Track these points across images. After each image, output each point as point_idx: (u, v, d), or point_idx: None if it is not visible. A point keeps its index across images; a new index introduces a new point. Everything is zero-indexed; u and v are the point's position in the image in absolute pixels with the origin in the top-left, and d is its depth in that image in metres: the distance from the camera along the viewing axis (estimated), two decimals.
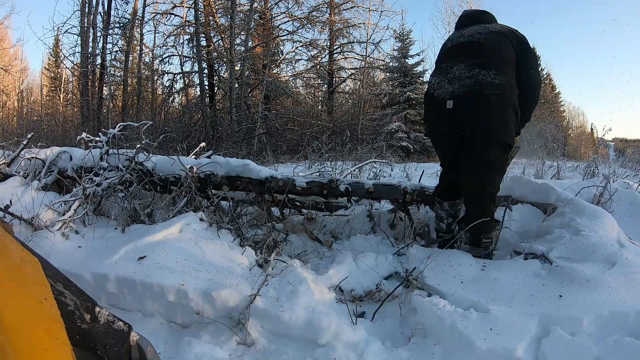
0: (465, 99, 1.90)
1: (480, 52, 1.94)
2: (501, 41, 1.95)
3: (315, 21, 13.77)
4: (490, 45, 1.94)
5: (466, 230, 1.96)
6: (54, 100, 19.25)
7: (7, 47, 18.22)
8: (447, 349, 1.36)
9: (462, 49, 2.02)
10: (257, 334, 1.48)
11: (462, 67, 1.95)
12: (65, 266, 1.64)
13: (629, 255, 1.71)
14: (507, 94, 1.89)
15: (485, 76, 1.87)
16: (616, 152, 15.55)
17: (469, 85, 1.89)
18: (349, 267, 1.94)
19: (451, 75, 1.97)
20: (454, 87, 1.94)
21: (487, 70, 1.88)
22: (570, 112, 26.11)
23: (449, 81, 1.97)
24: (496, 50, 1.93)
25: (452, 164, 2.13)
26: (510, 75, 1.92)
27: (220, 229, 2.12)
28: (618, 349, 1.24)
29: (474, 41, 1.98)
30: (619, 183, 2.95)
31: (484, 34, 1.99)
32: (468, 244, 2.00)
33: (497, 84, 1.86)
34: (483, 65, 1.90)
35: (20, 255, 0.64)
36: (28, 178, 2.77)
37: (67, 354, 0.53)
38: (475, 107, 1.88)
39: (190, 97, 14.00)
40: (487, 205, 1.97)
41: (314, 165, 6.25)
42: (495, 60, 1.91)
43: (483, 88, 1.86)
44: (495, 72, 1.88)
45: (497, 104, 1.87)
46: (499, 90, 1.86)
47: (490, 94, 1.86)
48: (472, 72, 1.91)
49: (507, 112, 1.91)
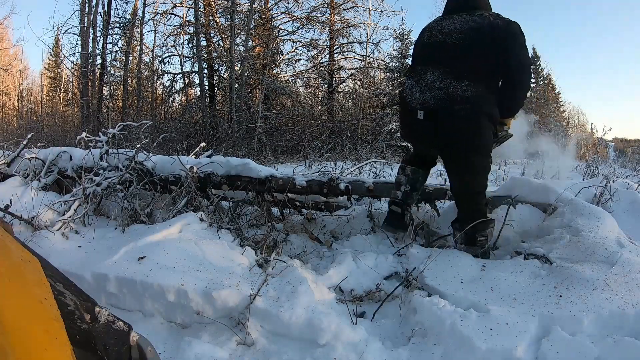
0: (435, 112, 1.87)
1: (452, 58, 1.89)
2: (479, 41, 1.86)
3: (315, 21, 13.75)
4: (463, 49, 1.87)
5: (459, 229, 1.98)
6: (54, 100, 19.25)
7: (7, 47, 18.21)
8: (447, 349, 1.36)
9: (438, 51, 1.94)
10: (257, 334, 1.48)
11: (435, 75, 1.90)
12: (65, 266, 1.64)
13: (629, 255, 1.72)
14: (477, 106, 1.84)
15: (456, 88, 1.83)
16: (616, 152, 15.55)
17: (439, 98, 1.86)
18: (349, 267, 1.93)
19: (423, 82, 1.93)
20: (425, 97, 1.90)
21: (459, 82, 1.84)
22: (570, 112, 26.14)
23: (421, 89, 1.93)
24: (469, 55, 1.86)
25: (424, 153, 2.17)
26: (486, 81, 1.86)
27: (220, 229, 2.12)
28: (618, 348, 1.24)
29: (451, 43, 1.90)
30: (619, 183, 2.95)
31: (463, 32, 1.89)
32: (464, 244, 2.00)
33: (468, 97, 1.82)
34: (455, 75, 1.85)
35: (20, 255, 0.64)
36: (28, 178, 2.77)
37: (67, 354, 0.53)
38: (445, 122, 1.86)
39: (190, 97, 13.99)
40: (478, 204, 1.99)
41: (314, 165, 6.25)
42: (467, 67, 1.85)
43: (453, 103, 1.83)
44: (467, 83, 1.83)
45: (466, 119, 1.83)
46: (469, 104, 1.82)
47: (459, 109, 1.82)
48: (443, 83, 1.86)
49: (478, 123, 1.86)
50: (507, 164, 5.71)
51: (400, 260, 2.11)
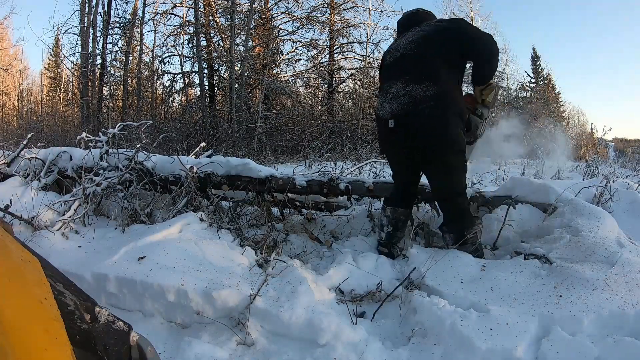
0: (402, 116, 1.96)
1: (410, 66, 1.99)
2: (430, 45, 1.96)
3: (315, 21, 13.76)
4: (418, 56, 1.97)
5: (447, 232, 2.02)
6: (54, 100, 19.25)
7: (7, 47, 18.22)
8: (447, 349, 1.36)
9: (396, 67, 2.07)
10: (257, 334, 1.48)
11: (398, 86, 2.00)
12: (65, 266, 1.64)
13: (629, 255, 1.71)
14: (442, 102, 1.90)
15: (417, 91, 1.92)
16: (616, 152, 15.56)
17: (405, 103, 1.95)
18: (349, 267, 1.93)
19: (390, 95, 2.03)
20: (393, 107, 2.00)
21: (420, 85, 1.92)
22: (570, 112, 26.11)
23: (389, 101, 2.03)
24: (424, 59, 1.96)
25: (405, 175, 2.22)
26: (445, 78, 1.93)
27: (220, 229, 2.12)
28: (618, 349, 1.24)
29: (406, 54, 2.03)
30: (619, 183, 2.95)
31: (413, 42, 2.02)
32: (455, 246, 2.00)
33: (430, 95, 1.89)
34: (415, 80, 1.94)
35: (20, 255, 0.64)
36: (28, 178, 2.77)
37: (67, 354, 0.53)
38: (412, 123, 1.94)
39: (190, 97, 13.99)
40: (459, 204, 2.02)
41: (314, 165, 6.25)
42: (425, 70, 1.94)
43: (417, 103, 1.91)
44: (427, 84, 1.91)
45: (432, 116, 1.89)
46: (432, 102, 1.89)
47: (424, 107, 1.89)
48: (406, 90, 1.96)
49: (446, 119, 1.91)
50: (507, 164, 5.71)
51: (401, 260, 2.11)
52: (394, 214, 2.21)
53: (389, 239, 2.21)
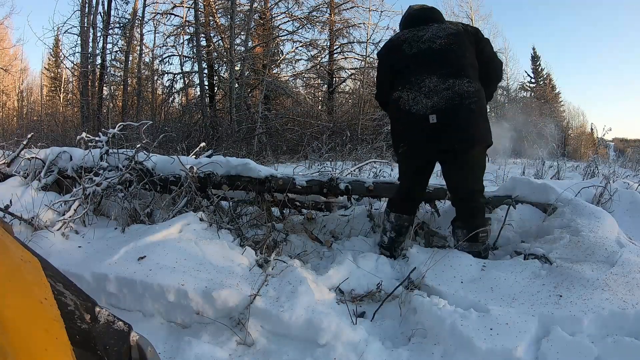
0: (447, 111, 1.91)
1: (448, 60, 1.97)
2: (461, 43, 1.99)
3: (315, 21, 13.74)
4: (454, 52, 1.97)
5: (462, 227, 1.99)
6: (54, 100, 19.25)
7: (7, 47, 18.21)
8: (447, 349, 1.36)
9: (428, 58, 2.00)
10: (257, 334, 1.48)
11: (435, 80, 1.94)
12: (65, 266, 1.64)
13: (629, 255, 1.71)
14: (482, 99, 1.98)
15: (461, 86, 1.92)
16: (616, 152, 15.56)
17: (449, 98, 1.91)
18: (349, 267, 1.93)
19: (425, 89, 1.95)
20: (433, 101, 1.92)
21: (461, 80, 1.93)
22: (570, 112, 26.11)
23: (426, 95, 1.95)
24: (461, 56, 1.97)
25: (417, 176, 2.16)
26: (476, 78, 2.00)
27: (220, 229, 2.12)
28: (618, 349, 1.24)
29: (436, 49, 1.99)
30: (619, 183, 2.96)
31: (443, 37, 1.99)
32: (467, 241, 1.98)
33: (473, 91, 1.93)
34: (455, 75, 1.93)
35: (20, 255, 0.64)
36: (28, 178, 2.77)
37: (67, 354, 0.53)
38: (460, 118, 1.91)
39: (190, 97, 13.99)
40: (479, 202, 2.03)
41: (314, 165, 6.25)
42: (464, 66, 1.96)
43: (462, 98, 1.91)
44: (468, 80, 1.94)
45: (477, 110, 1.93)
46: (476, 98, 1.93)
47: (469, 102, 1.91)
48: (447, 84, 1.93)
49: (485, 115, 2.01)
50: (507, 164, 5.71)
51: (401, 260, 2.11)
52: (398, 221, 2.19)
53: (391, 243, 2.21)
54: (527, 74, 25.61)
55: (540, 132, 11.56)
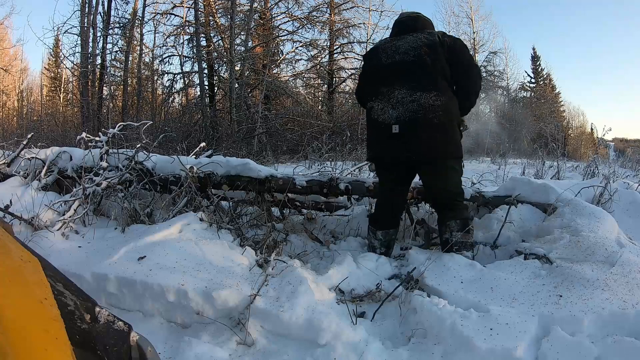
0: (409, 123, 1.96)
1: (417, 73, 2.00)
2: (433, 54, 1.99)
3: (315, 21, 13.75)
4: (425, 64, 1.99)
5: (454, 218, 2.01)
6: (54, 100, 19.25)
7: (7, 47, 18.20)
8: (447, 349, 1.36)
9: (399, 71, 2.04)
10: (257, 334, 1.48)
11: (403, 92, 2.00)
12: (65, 266, 1.64)
13: (629, 255, 1.71)
14: (449, 112, 1.97)
15: (427, 99, 1.94)
16: (616, 152, 15.57)
17: (413, 110, 1.95)
18: (349, 268, 1.93)
19: (394, 100, 2.01)
20: (399, 112, 1.99)
21: (428, 93, 1.95)
22: (570, 112, 26.08)
23: (393, 106, 2.01)
24: (432, 69, 1.98)
25: (395, 186, 2.16)
26: (449, 90, 2.00)
27: (220, 229, 2.12)
28: (618, 349, 1.24)
29: (409, 61, 2.01)
30: (619, 183, 2.96)
31: (417, 48, 2.02)
32: (460, 231, 1.99)
33: (439, 105, 1.94)
34: (423, 89, 1.96)
35: (20, 255, 0.64)
36: (28, 178, 2.77)
37: (67, 354, 0.53)
38: (421, 130, 1.94)
39: (190, 97, 13.99)
40: (460, 203, 2.08)
41: (314, 165, 6.25)
42: (434, 80, 1.97)
43: (427, 112, 1.93)
44: (436, 94, 1.95)
45: (441, 125, 1.94)
46: (441, 111, 1.94)
47: (433, 116, 1.93)
48: (413, 97, 1.97)
49: (452, 129, 2.01)
50: (507, 164, 5.71)
51: (401, 261, 2.11)
52: (386, 237, 2.19)
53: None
54: (527, 74, 25.61)
55: (540, 132, 11.57)
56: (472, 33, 19.01)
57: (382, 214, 2.21)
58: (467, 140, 2.48)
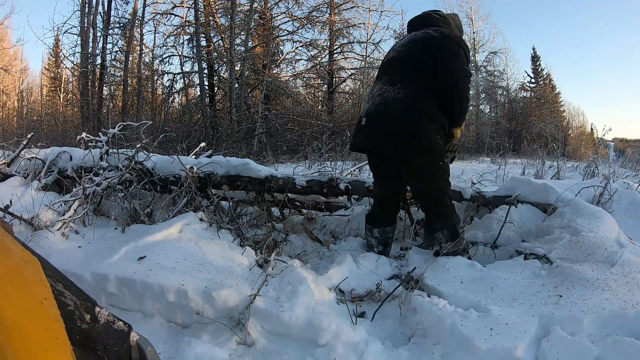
0: (373, 115, 1.99)
1: (391, 68, 2.05)
2: (412, 50, 2.01)
3: (315, 21, 13.75)
4: (400, 60, 2.03)
5: (441, 228, 1.96)
6: (54, 100, 19.23)
7: (7, 47, 18.21)
8: (447, 349, 1.36)
9: (385, 68, 2.13)
10: (257, 334, 1.48)
11: (378, 87, 2.06)
12: (65, 266, 1.64)
13: (629, 255, 1.72)
14: (410, 103, 1.91)
15: (389, 92, 1.97)
16: (616, 152, 15.56)
17: (377, 103, 1.99)
18: (349, 268, 1.93)
19: (371, 94, 2.10)
20: (369, 105, 2.06)
21: (392, 86, 1.98)
22: (570, 112, 26.06)
23: (367, 101, 2.09)
24: (404, 63, 2.01)
25: (383, 181, 2.18)
26: (419, 84, 1.94)
27: (220, 229, 2.12)
28: (618, 348, 1.24)
29: (395, 57, 2.08)
30: (619, 183, 2.96)
31: (404, 45, 2.06)
32: (450, 240, 1.94)
33: (400, 98, 1.93)
34: (390, 82, 2.00)
35: (20, 255, 0.64)
36: (28, 178, 2.77)
37: (67, 354, 0.53)
38: (382, 122, 1.96)
39: (190, 97, 13.99)
40: (444, 202, 1.99)
41: (314, 165, 6.25)
42: (401, 74, 1.99)
43: (387, 104, 1.95)
44: (399, 87, 1.96)
45: (401, 117, 1.91)
46: (402, 104, 1.92)
47: (393, 109, 1.93)
48: (381, 90, 2.01)
49: (418, 121, 1.90)
50: (507, 164, 5.71)
51: (401, 261, 2.11)
52: (383, 235, 2.19)
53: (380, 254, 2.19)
54: (527, 74, 25.60)
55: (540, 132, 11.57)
56: (472, 33, 19.03)
57: (378, 211, 2.24)
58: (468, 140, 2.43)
